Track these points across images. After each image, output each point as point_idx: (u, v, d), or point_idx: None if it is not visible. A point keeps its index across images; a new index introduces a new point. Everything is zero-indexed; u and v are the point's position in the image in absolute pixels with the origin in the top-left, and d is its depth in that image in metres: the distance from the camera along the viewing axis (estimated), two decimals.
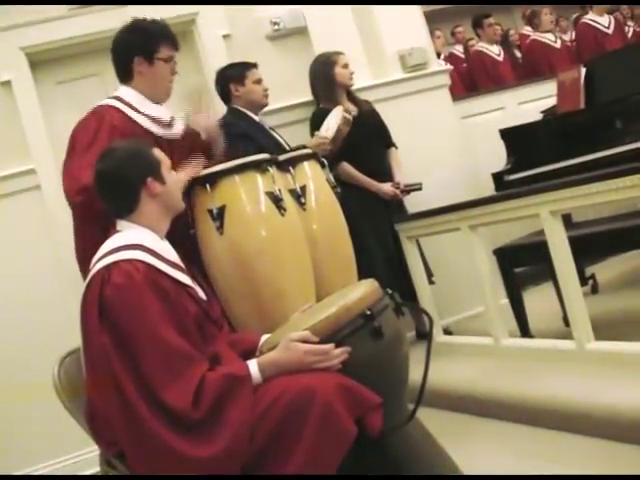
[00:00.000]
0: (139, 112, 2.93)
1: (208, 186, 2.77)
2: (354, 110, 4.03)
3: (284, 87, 4.29)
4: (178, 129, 3.03)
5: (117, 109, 2.90)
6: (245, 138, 3.63)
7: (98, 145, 2.70)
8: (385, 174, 4.18)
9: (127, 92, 2.97)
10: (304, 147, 3.31)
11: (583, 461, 2.47)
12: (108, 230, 2.20)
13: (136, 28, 2.96)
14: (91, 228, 2.54)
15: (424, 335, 4.10)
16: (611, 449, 2.49)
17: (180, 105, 3.14)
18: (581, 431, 2.64)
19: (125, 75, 2.99)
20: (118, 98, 2.95)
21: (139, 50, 2.93)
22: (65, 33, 4.03)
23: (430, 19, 5.22)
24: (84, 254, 2.61)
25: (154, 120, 2.95)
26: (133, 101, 2.94)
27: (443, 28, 7.72)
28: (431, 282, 4.05)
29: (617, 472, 2.32)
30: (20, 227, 4.02)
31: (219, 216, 2.76)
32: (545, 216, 3.01)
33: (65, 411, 2.12)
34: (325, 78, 4.15)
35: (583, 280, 4.17)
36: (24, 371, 3.74)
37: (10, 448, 3.84)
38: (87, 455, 3.70)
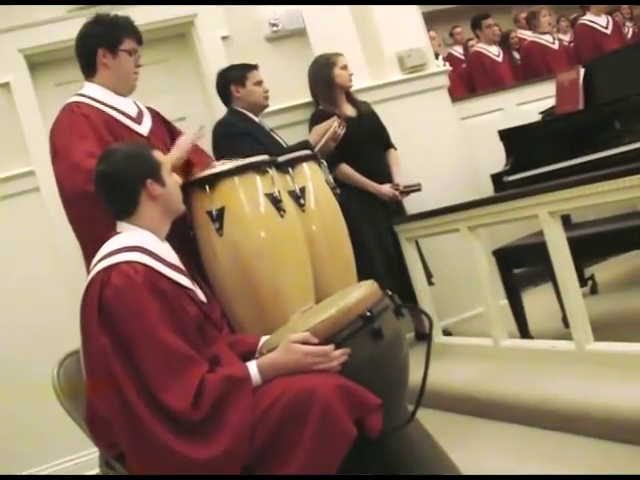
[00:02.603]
0: (105, 104, 2.93)
1: (207, 187, 2.77)
2: (344, 123, 4.00)
3: (283, 88, 4.28)
4: (146, 126, 3.02)
5: (84, 103, 2.90)
6: (249, 136, 3.63)
7: (77, 134, 2.74)
8: (384, 175, 4.18)
9: (91, 88, 2.97)
10: (307, 143, 3.30)
11: (583, 461, 2.47)
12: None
13: (99, 21, 2.97)
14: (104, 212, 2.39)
15: (424, 336, 4.10)
16: (610, 449, 2.49)
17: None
18: (580, 432, 2.65)
19: (89, 69, 2.99)
20: (82, 95, 2.95)
21: (102, 42, 2.93)
22: (64, 35, 4.01)
23: (429, 20, 5.22)
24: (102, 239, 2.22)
25: (121, 113, 2.95)
26: (98, 95, 2.94)
27: (442, 29, 7.72)
28: (430, 283, 4.05)
29: (616, 472, 2.32)
30: (19, 229, 4.02)
31: (218, 217, 2.76)
32: (544, 217, 3.01)
33: (65, 413, 2.12)
34: (324, 79, 4.15)
35: (582, 281, 4.17)
36: (24, 372, 3.74)
37: (10, 449, 3.83)
38: (87, 457, 3.69)
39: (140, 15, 3.08)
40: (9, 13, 4.06)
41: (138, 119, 3.01)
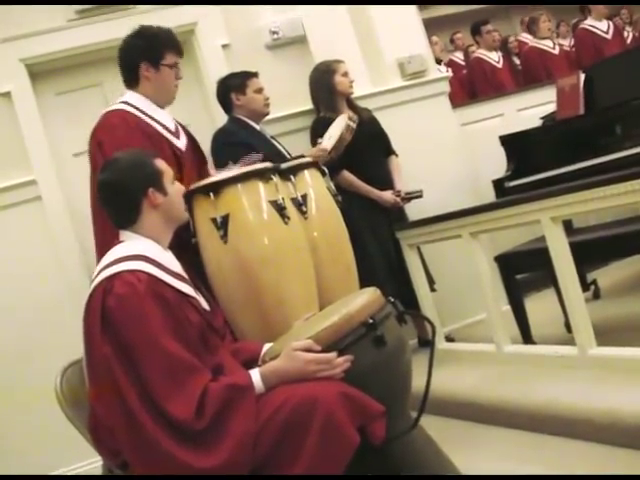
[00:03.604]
0: (148, 116, 3.01)
1: (212, 194, 2.78)
2: (355, 117, 4.02)
3: (284, 96, 4.28)
4: (183, 142, 3.10)
5: (130, 113, 2.98)
6: (247, 147, 3.63)
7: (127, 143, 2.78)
8: (385, 182, 4.18)
9: (134, 97, 3.05)
10: (303, 157, 3.32)
11: (585, 467, 2.46)
12: None
13: (143, 34, 3.05)
14: None
15: (426, 343, 4.11)
16: (613, 454, 2.48)
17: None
18: (583, 437, 2.64)
19: (131, 80, 3.08)
20: (127, 103, 3.03)
21: (145, 56, 3.02)
22: (64, 44, 4.05)
23: (429, 26, 5.23)
24: None
25: (162, 125, 3.03)
26: (141, 105, 3.02)
27: (443, 35, 7.73)
28: (433, 289, 4.05)
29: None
30: (21, 238, 4.02)
31: (223, 225, 2.76)
32: (546, 222, 3.00)
33: (67, 421, 2.12)
34: (325, 87, 4.16)
35: (585, 286, 4.16)
36: (26, 380, 3.74)
37: (9, 452, 3.83)
38: (90, 466, 3.68)
39: (140, 23, 3.08)
40: (10, 22, 4.07)
41: (177, 134, 3.09)
